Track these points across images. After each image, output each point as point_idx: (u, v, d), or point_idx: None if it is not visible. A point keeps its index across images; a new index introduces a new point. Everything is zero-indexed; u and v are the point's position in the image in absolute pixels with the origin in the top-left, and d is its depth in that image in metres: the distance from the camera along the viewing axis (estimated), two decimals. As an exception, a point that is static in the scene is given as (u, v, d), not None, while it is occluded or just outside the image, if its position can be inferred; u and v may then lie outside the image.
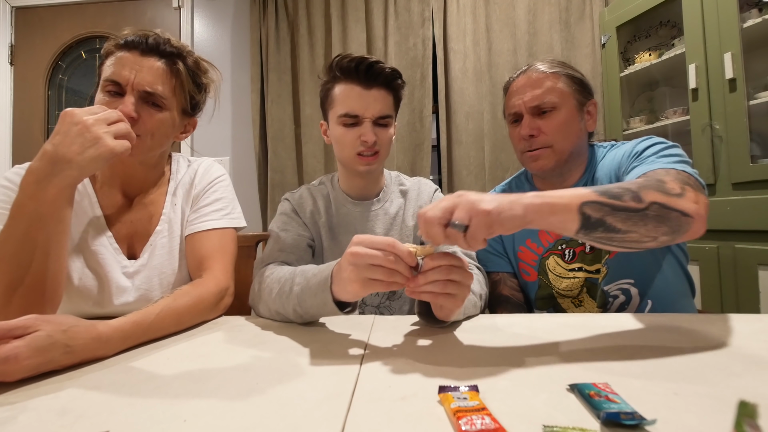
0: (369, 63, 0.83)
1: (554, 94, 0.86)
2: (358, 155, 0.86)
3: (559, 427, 0.33)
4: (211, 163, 0.92)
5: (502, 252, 0.98)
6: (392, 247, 0.54)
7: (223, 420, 0.37)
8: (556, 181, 0.91)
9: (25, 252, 0.60)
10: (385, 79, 0.85)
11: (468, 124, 2.22)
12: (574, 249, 0.88)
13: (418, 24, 2.28)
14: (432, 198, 0.98)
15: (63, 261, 0.65)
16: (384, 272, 0.54)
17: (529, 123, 0.87)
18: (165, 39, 0.76)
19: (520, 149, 0.91)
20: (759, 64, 1.53)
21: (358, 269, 0.55)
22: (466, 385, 0.41)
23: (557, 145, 0.86)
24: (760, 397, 0.31)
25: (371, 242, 0.55)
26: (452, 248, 0.79)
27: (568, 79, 0.88)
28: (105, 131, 0.62)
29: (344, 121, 0.86)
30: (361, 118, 0.85)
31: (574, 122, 0.87)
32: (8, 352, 0.45)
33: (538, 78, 0.87)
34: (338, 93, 0.86)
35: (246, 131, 2.42)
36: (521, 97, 0.88)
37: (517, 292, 0.95)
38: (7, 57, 2.51)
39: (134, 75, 0.72)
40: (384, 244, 0.54)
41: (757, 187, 1.39)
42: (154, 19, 2.50)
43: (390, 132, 0.89)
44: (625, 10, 1.85)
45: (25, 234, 0.60)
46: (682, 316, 0.68)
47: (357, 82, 0.84)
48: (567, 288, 0.89)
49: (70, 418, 0.38)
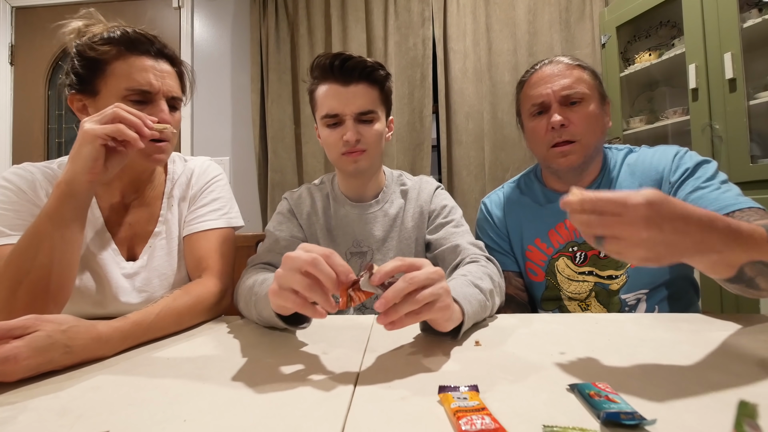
0: (343, 59, 0.79)
1: (583, 85, 0.83)
2: (344, 155, 0.83)
3: (559, 427, 0.33)
4: (208, 162, 0.92)
5: (509, 250, 0.97)
6: (327, 257, 0.47)
7: (223, 420, 0.37)
8: (573, 180, 0.88)
9: (32, 244, 0.61)
10: (364, 73, 0.80)
11: (468, 124, 2.22)
12: (586, 252, 0.87)
13: (418, 24, 2.28)
14: (432, 197, 0.93)
15: (70, 257, 0.65)
16: (304, 284, 0.46)
17: (560, 112, 0.82)
18: (163, 41, 0.77)
19: (545, 143, 0.86)
20: (759, 64, 1.53)
21: (280, 276, 0.49)
22: (466, 386, 0.41)
23: (584, 139, 0.83)
24: (760, 397, 0.31)
25: (309, 248, 0.48)
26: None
27: (592, 74, 0.86)
28: (90, 125, 0.62)
29: (327, 122, 0.83)
30: (341, 117, 0.81)
31: (600, 117, 0.85)
32: (8, 352, 0.45)
33: (566, 68, 0.85)
34: (320, 94, 0.84)
35: (246, 131, 2.42)
36: (549, 86, 0.84)
37: (522, 292, 0.95)
38: (7, 57, 2.51)
39: (161, 82, 0.73)
40: (320, 252, 0.48)
41: (757, 187, 1.39)
42: (154, 19, 2.50)
43: (376, 128, 0.84)
44: (625, 10, 1.85)
45: (34, 226, 0.62)
46: (682, 316, 0.68)
47: (334, 80, 0.81)
48: (575, 291, 0.88)
49: (70, 418, 0.38)
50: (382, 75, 0.83)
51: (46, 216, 0.62)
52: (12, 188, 0.71)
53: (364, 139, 0.82)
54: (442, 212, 0.89)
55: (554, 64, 0.86)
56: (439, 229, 0.87)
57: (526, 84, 0.90)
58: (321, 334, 0.64)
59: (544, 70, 0.87)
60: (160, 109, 0.72)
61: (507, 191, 1.02)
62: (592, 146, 0.84)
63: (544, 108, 0.86)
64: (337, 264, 0.47)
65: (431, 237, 0.87)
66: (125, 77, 0.71)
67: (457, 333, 0.57)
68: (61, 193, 0.62)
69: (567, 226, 0.89)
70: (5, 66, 2.51)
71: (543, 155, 0.88)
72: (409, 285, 0.47)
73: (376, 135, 0.84)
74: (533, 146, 0.91)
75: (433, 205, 0.91)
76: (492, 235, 0.99)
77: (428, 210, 0.91)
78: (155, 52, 0.74)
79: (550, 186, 0.95)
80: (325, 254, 0.48)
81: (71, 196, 0.62)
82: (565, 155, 0.83)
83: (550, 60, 0.88)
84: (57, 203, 0.62)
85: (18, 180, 0.72)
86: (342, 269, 0.47)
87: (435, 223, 0.89)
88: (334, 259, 0.48)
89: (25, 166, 0.75)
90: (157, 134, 0.67)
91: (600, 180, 0.88)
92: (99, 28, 0.74)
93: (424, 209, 0.91)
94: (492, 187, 2.12)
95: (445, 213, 0.89)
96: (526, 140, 0.95)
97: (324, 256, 0.47)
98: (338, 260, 0.48)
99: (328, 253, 0.48)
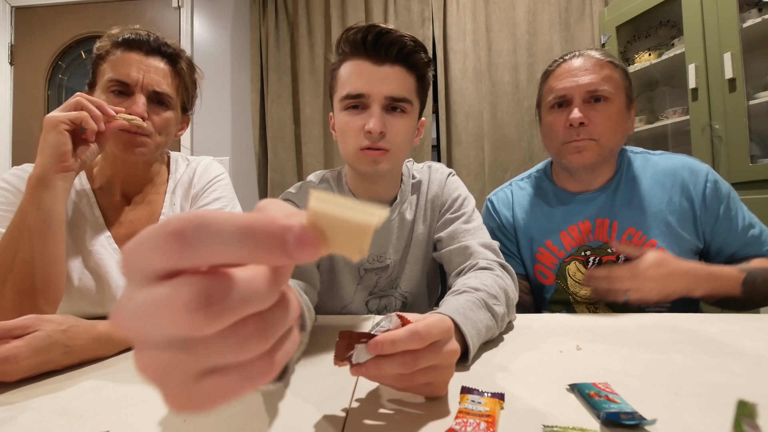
0: (378, 32, 0.64)
1: (611, 84, 0.79)
2: (363, 150, 0.67)
3: (559, 427, 0.33)
4: (210, 161, 0.92)
5: (516, 253, 0.94)
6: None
7: (223, 420, 0.37)
8: (585, 179, 0.86)
9: (12, 239, 0.61)
10: (402, 54, 0.66)
11: (468, 124, 2.22)
12: (600, 257, 0.85)
13: (418, 24, 2.28)
14: (444, 187, 0.80)
15: (52, 251, 0.64)
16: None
17: (581, 109, 0.79)
18: (163, 40, 0.77)
19: (562, 139, 0.82)
20: (758, 64, 1.53)
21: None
22: (491, 392, 0.39)
23: (603, 140, 0.79)
24: (759, 397, 0.31)
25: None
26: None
27: (623, 73, 0.82)
28: (51, 113, 0.64)
29: (347, 103, 0.67)
30: (367, 99, 0.66)
31: (623, 119, 0.81)
32: (8, 352, 0.45)
33: (596, 63, 0.80)
34: (344, 72, 0.69)
35: (246, 131, 2.42)
36: (575, 79, 0.80)
37: (526, 295, 0.92)
38: (7, 57, 2.51)
39: (142, 75, 0.73)
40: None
41: (757, 187, 1.39)
42: (154, 19, 2.50)
43: (406, 123, 0.69)
44: (624, 10, 1.85)
45: (12, 223, 0.62)
46: (682, 316, 0.68)
47: (365, 56, 0.66)
48: (585, 296, 0.86)
49: (70, 418, 0.38)
50: (422, 59, 0.68)
51: (22, 212, 0.62)
52: (11, 189, 0.71)
53: (390, 135, 0.67)
54: (452, 205, 0.79)
55: (584, 58, 0.81)
56: (447, 225, 0.76)
57: (551, 75, 0.85)
58: (321, 334, 0.64)
59: (573, 62, 0.82)
60: (133, 101, 0.72)
61: (515, 190, 0.97)
62: (609, 147, 0.80)
63: (564, 102, 0.82)
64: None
65: (439, 234, 0.77)
66: (111, 70, 0.73)
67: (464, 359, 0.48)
68: (33, 186, 0.62)
69: (580, 229, 0.86)
70: (5, 66, 2.50)
71: (557, 150, 0.85)
72: (412, 364, 0.36)
73: (405, 132, 0.69)
74: (548, 141, 0.87)
75: (444, 197, 0.80)
76: (498, 235, 0.95)
77: (439, 203, 0.80)
78: (148, 49, 0.75)
79: (561, 186, 0.91)
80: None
81: (45, 188, 0.62)
82: (580, 151, 0.80)
83: (581, 52, 0.83)
84: (30, 197, 0.62)
85: (17, 181, 0.72)
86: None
87: (444, 218, 0.78)
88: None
89: (24, 167, 0.75)
90: (125, 123, 0.69)
91: (616, 182, 0.85)
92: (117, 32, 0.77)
93: (435, 203, 0.80)
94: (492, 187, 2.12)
95: (455, 206, 0.78)
96: (541, 134, 0.90)
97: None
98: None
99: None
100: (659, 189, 0.84)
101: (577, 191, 0.89)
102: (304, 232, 0.17)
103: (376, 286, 0.81)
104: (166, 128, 0.78)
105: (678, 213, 0.82)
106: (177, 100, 0.79)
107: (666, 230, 0.82)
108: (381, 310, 0.82)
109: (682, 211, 0.82)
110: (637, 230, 0.83)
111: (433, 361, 0.37)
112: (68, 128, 0.63)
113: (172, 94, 0.77)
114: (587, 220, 0.86)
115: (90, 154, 0.66)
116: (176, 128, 0.83)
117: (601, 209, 0.86)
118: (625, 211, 0.84)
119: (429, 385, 0.39)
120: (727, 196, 0.82)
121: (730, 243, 0.82)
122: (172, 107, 0.78)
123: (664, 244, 0.81)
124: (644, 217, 0.83)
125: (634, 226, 0.83)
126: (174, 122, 0.80)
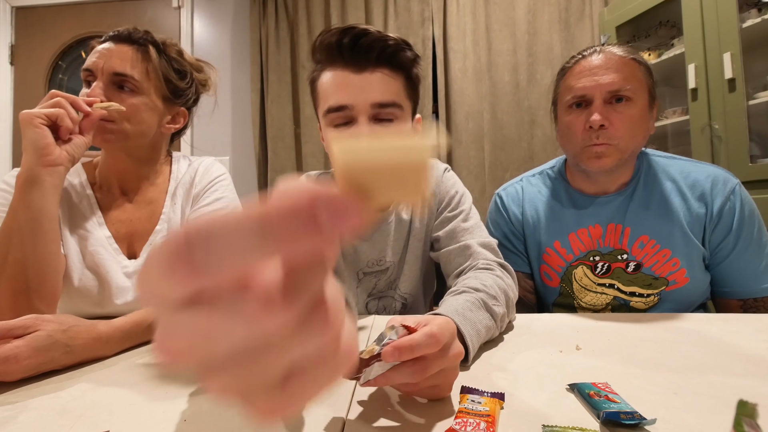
0: (354, 35, 0.60)
1: (634, 83, 0.74)
2: None
3: (559, 427, 0.33)
4: (212, 162, 0.91)
5: (522, 251, 0.91)
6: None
7: (223, 420, 0.37)
8: (602, 181, 0.82)
9: (3, 241, 0.61)
10: (384, 55, 0.62)
11: (468, 123, 2.22)
12: (609, 264, 0.81)
13: (418, 24, 2.28)
14: (440, 183, 0.78)
15: (44, 249, 0.63)
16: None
17: (602, 111, 0.74)
18: (142, 31, 0.76)
19: (581, 142, 0.77)
20: (758, 64, 1.53)
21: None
22: (491, 392, 0.39)
23: (622, 143, 0.75)
24: (759, 397, 0.31)
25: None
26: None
27: (646, 71, 0.77)
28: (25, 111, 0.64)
29: (332, 119, 0.64)
30: (351, 109, 0.62)
31: (644, 120, 0.76)
32: (8, 352, 0.45)
33: (619, 60, 0.75)
34: (323, 84, 0.65)
35: (246, 131, 2.42)
36: (595, 78, 0.74)
37: (530, 294, 0.90)
38: (7, 57, 2.51)
39: (104, 61, 0.72)
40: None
41: (757, 187, 1.39)
42: (154, 18, 2.50)
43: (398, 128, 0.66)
44: (624, 10, 1.85)
45: (3, 223, 0.62)
46: (682, 315, 0.68)
47: (343, 64, 0.62)
48: (590, 302, 0.84)
49: (70, 418, 0.38)
50: (408, 57, 0.64)
51: (12, 211, 0.61)
52: (11, 191, 0.71)
53: None
54: (450, 203, 0.77)
55: (605, 54, 0.76)
56: (445, 223, 0.75)
57: (569, 72, 0.80)
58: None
59: (593, 59, 0.77)
60: (93, 86, 0.72)
61: (526, 186, 0.93)
62: (628, 151, 0.76)
63: (585, 102, 0.77)
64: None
65: (437, 233, 0.76)
66: (86, 62, 0.73)
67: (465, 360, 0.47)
68: (21, 185, 0.62)
69: (590, 233, 0.83)
70: (5, 66, 2.50)
71: (574, 153, 0.80)
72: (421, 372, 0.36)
73: None
74: (565, 142, 0.82)
75: (440, 194, 0.78)
76: (506, 231, 0.92)
77: (436, 200, 0.78)
78: (118, 38, 0.74)
79: (575, 186, 0.87)
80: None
81: (32, 186, 0.62)
82: (600, 157, 0.75)
83: (601, 48, 0.78)
84: (19, 197, 0.61)
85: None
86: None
87: (441, 217, 0.76)
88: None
89: None
90: (104, 113, 0.68)
91: (633, 186, 0.82)
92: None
93: (431, 200, 0.78)
94: (492, 187, 2.12)
95: (453, 204, 0.77)
96: (557, 133, 0.85)
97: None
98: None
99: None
100: (678, 197, 0.79)
101: (591, 193, 0.85)
102: (336, 195, 0.13)
103: (375, 288, 0.81)
104: (135, 115, 0.74)
105: (692, 219, 0.78)
106: (149, 86, 0.76)
107: (682, 240, 0.78)
108: (380, 312, 0.82)
109: (696, 217, 0.78)
110: (650, 238, 0.79)
111: (442, 365, 0.37)
112: (45, 122, 0.63)
113: (139, 77, 0.74)
114: (598, 224, 0.83)
115: (77, 147, 0.66)
116: (159, 117, 0.79)
117: (615, 214, 0.82)
118: (639, 218, 0.80)
119: (434, 388, 0.39)
120: (750, 217, 0.77)
121: (741, 266, 0.77)
122: (143, 92, 0.75)
123: (678, 254, 0.78)
124: (659, 226, 0.79)
125: (647, 234, 0.79)
126: (148, 109, 0.76)
